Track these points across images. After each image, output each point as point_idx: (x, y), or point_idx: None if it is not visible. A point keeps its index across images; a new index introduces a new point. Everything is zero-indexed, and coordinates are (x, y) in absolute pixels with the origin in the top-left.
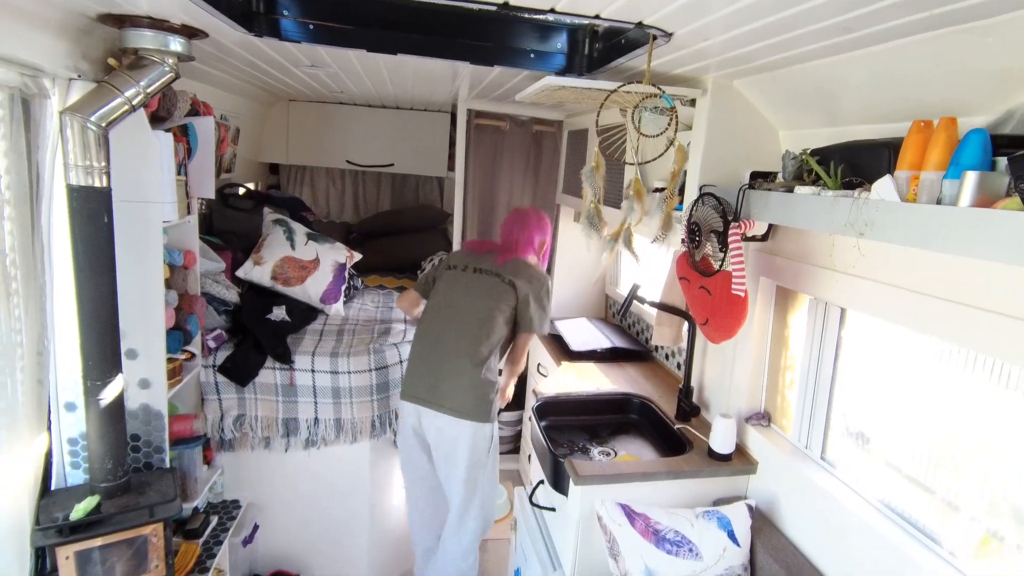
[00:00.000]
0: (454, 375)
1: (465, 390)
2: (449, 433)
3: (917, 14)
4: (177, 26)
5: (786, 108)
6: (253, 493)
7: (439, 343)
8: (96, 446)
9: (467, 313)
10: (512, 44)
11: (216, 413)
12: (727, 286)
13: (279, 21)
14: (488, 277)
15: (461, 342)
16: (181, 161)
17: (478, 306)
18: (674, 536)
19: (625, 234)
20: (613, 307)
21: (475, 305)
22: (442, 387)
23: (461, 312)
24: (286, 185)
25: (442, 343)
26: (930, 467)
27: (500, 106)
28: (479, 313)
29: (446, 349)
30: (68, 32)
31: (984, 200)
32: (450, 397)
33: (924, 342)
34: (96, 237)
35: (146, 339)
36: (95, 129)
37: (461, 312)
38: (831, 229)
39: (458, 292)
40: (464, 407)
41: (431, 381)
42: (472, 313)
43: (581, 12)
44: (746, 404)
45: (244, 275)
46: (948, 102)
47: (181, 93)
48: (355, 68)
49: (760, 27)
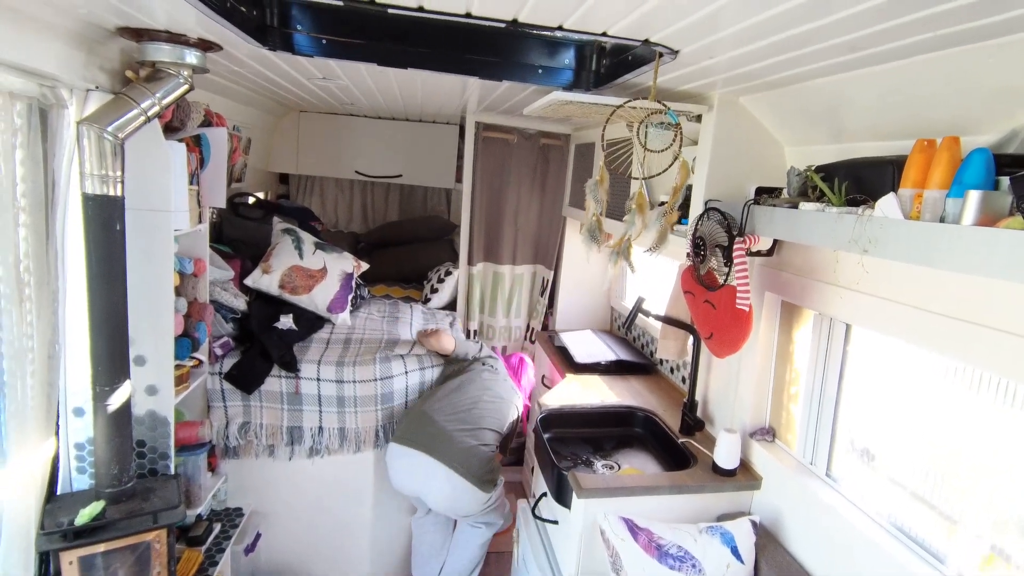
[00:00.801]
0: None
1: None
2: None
3: (923, 34)
4: (193, 40)
5: (792, 125)
6: (256, 501)
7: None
8: (103, 451)
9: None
10: (520, 59)
11: (221, 420)
12: (732, 300)
13: (292, 35)
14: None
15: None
16: (193, 171)
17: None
18: (677, 551)
19: (624, 246)
20: (618, 320)
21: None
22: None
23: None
24: (295, 195)
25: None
26: (935, 484)
27: (508, 119)
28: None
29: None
30: (86, 44)
31: (987, 219)
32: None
33: (929, 359)
34: (109, 245)
35: (155, 346)
36: (111, 139)
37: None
38: (835, 245)
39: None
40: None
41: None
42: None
43: (589, 29)
44: (751, 419)
45: (252, 283)
46: (953, 121)
47: (195, 104)
48: (366, 81)
49: (766, 45)
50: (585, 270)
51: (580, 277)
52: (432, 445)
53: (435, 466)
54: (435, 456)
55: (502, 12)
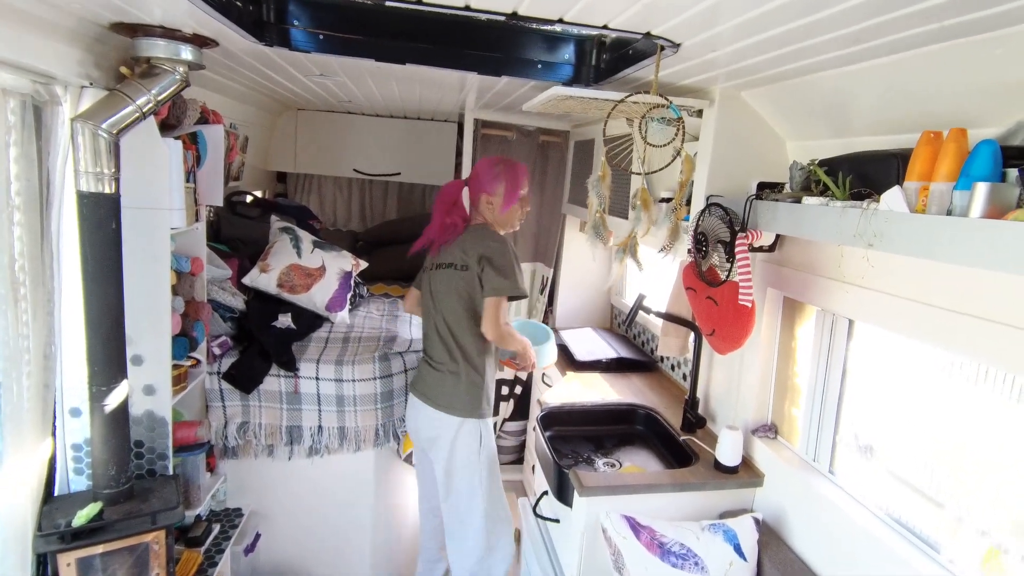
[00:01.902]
0: (435, 375)
1: (444, 384)
2: (426, 422)
3: (927, 25)
4: (189, 35)
5: (794, 119)
6: (256, 501)
7: (424, 344)
8: (100, 452)
9: (436, 313)
10: (520, 55)
11: (220, 420)
12: (734, 296)
13: (289, 31)
14: (444, 271)
15: (436, 346)
16: (190, 169)
17: (442, 304)
18: (679, 549)
19: (631, 244)
20: (619, 317)
21: (440, 304)
22: (426, 380)
23: (431, 313)
24: (293, 193)
25: (425, 346)
26: (938, 480)
27: (507, 116)
28: (444, 312)
29: (427, 353)
30: (81, 40)
31: (995, 211)
32: (432, 388)
33: (933, 354)
34: (104, 243)
35: (152, 345)
36: (106, 136)
37: (431, 313)
38: (839, 240)
39: (427, 292)
40: (441, 398)
41: (420, 374)
42: (439, 313)
43: (589, 22)
44: (753, 416)
45: (250, 282)
46: (958, 113)
47: (191, 101)
48: (364, 78)
49: (768, 38)
50: (585, 268)
51: (580, 275)
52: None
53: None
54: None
55: (502, 5)
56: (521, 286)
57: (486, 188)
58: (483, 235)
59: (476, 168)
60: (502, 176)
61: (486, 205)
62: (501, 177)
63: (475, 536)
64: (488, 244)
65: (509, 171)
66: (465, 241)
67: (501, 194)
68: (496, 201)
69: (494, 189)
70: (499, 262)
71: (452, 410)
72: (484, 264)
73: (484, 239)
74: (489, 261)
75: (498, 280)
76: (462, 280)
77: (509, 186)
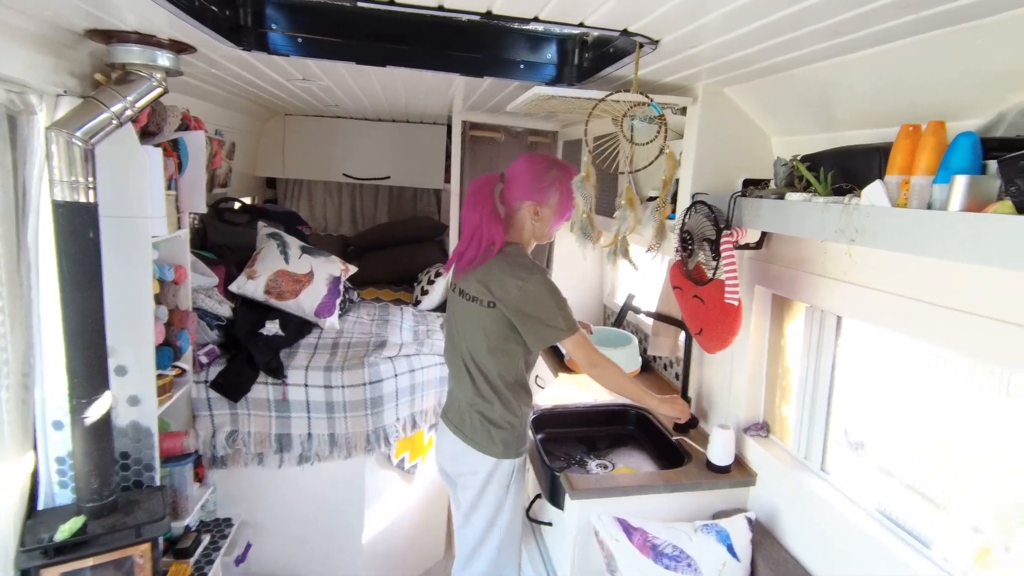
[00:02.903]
0: (466, 408)
1: (474, 420)
2: (460, 458)
3: (907, 16)
4: (165, 41)
5: (778, 115)
6: (246, 510)
7: (450, 371)
8: (82, 465)
9: (460, 342)
10: (502, 55)
11: (208, 429)
12: (721, 295)
13: (267, 35)
14: (468, 303)
15: (464, 379)
16: (171, 176)
17: (468, 337)
18: (672, 551)
19: (622, 244)
20: (610, 317)
21: (466, 335)
22: (459, 411)
23: (455, 341)
24: (283, 199)
25: (451, 372)
26: (929, 476)
27: (495, 118)
28: (470, 345)
29: (454, 381)
30: (54, 48)
31: (975, 204)
32: (465, 423)
33: (921, 348)
34: (82, 253)
35: (135, 355)
36: (80, 144)
37: (455, 341)
38: (822, 236)
39: (451, 321)
40: (475, 434)
41: (451, 403)
42: (463, 342)
43: (564, 20)
44: (744, 415)
45: (237, 289)
46: (940, 105)
47: (171, 108)
48: (346, 81)
49: (747, 33)
50: (576, 268)
51: (571, 276)
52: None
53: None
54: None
55: (475, 4)
56: (570, 325)
57: (534, 195)
58: (509, 271)
59: (518, 168)
60: (557, 184)
61: (531, 216)
62: (556, 185)
63: (485, 564)
64: (516, 286)
65: (564, 177)
66: (490, 274)
67: (553, 206)
68: (546, 214)
69: (545, 199)
70: (534, 309)
71: (488, 450)
72: (519, 315)
73: (509, 276)
74: (523, 311)
75: (544, 331)
76: (489, 319)
77: (564, 197)
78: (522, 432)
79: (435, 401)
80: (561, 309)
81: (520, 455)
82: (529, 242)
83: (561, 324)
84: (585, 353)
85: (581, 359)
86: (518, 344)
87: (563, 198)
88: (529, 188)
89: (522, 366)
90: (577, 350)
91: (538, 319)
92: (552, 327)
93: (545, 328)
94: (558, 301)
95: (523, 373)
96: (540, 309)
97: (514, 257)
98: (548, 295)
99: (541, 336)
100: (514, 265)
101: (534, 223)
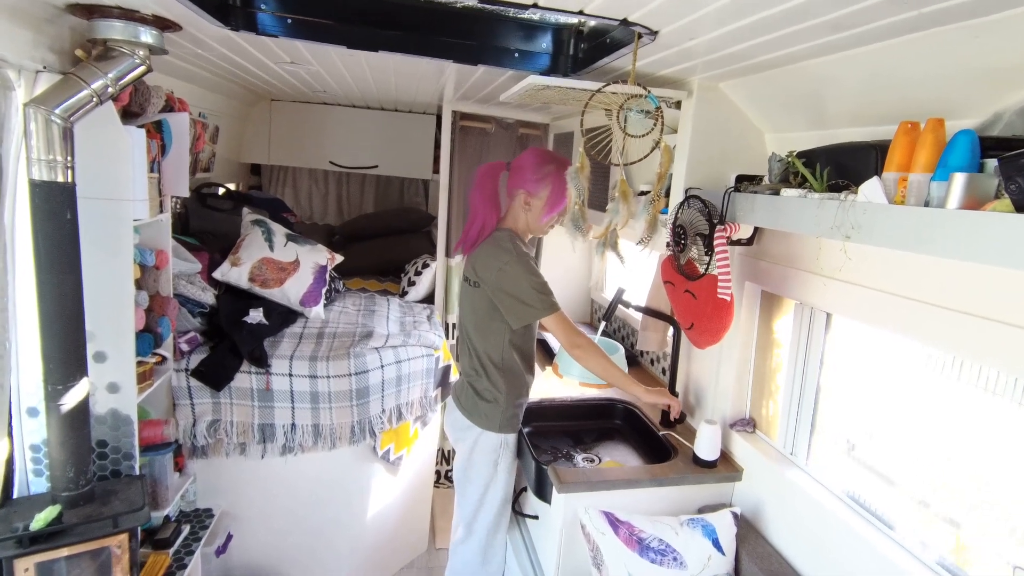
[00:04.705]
0: (462, 380)
1: (467, 391)
2: (452, 424)
3: (907, 12)
4: (148, 17)
5: (772, 111)
6: (227, 501)
7: (457, 346)
8: (57, 453)
9: (461, 323)
10: (497, 43)
11: (189, 418)
12: (713, 290)
13: (256, 15)
14: (464, 283)
15: (464, 353)
16: (154, 158)
17: (464, 315)
18: (658, 545)
19: (611, 236)
20: (598, 312)
21: (463, 313)
22: (459, 382)
23: (461, 321)
24: (268, 186)
25: (458, 347)
26: (913, 471)
27: (485, 108)
28: (466, 322)
29: (458, 355)
30: (34, 22)
31: (972, 202)
32: (460, 392)
33: (911, 347)
34: (59, 234)
35: (115, 341)
36: (59, 122)
37: (461, 321)
38: (817, 232)
39: (459, 299)
40: (466, 403)
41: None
42: (464, 323)
43: (565, 7)
44: (731, 410)
45: (221, 276)
46: (937, 104)
47: (155, 88)
48: (336, 66)
49: (747, 25)
50: (565, 262)
51: (560, 269)
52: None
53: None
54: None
55: None
56: (546, 304)
57: (528, 186)
58: (492, 253)
59: (523, 159)
60: (550, 179)
61: (522, 205)
62: (549, 180)
63: (476, 544)
64: (495, 268)
65: (559, 173)
66: (478, 256)
67: (544, 199)
68: (536, 205)
69: (537, 191)
70: (512, 288)
71: (474, 419)
72: (498, 294)
73: (491, 258)
74: (502, 290)
75: (521, 309)
76: (476, 297)
77: (556, 193)
78: (508, 411)
79: (421, 393)
80: (538, 290)
81: (504, 432)
82: (524, 232)
83: (537, 303)
84: (565, 332)
85: (563, 338)
86: (502, 322)
87: (554, 192)
88: (524, 178)
89: (508, 346)
90: (558, 329)
91: (515, 297)
92: (528, 305)
93: (521, 306)
94: (535, 282)
95: (510, 354)
96: (516, 288)
97: (501, 241)
98: (525, 275)
99: (517, 314)
100: (499, 248)
101: (526, 213)
